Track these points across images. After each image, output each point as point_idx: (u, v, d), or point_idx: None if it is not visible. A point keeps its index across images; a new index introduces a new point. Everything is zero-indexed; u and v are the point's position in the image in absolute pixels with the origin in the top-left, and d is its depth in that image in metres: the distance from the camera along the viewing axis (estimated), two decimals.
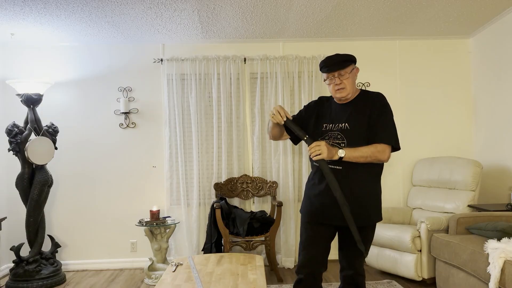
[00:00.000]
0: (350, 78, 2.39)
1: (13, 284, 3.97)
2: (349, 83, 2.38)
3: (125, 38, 4.50)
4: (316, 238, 2.44)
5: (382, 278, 3.99)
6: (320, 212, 2.41)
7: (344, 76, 2.36)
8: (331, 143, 2.36)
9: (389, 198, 4.71)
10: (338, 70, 2.36)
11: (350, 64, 2.40)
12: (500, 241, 2.81)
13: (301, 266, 2.46)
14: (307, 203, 2.49)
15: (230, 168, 4.61)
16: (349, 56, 2.42)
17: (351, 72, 2.39)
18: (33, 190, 4.07)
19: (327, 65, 2.39)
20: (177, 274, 2.71)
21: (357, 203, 2.32)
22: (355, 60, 2.45)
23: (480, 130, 4.66)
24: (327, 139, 2.38)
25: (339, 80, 2.37)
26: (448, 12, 4.03)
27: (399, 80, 4.80)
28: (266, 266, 4.17)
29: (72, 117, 4.64)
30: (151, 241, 4.24)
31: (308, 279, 2.44)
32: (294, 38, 4.66)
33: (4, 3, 3.46)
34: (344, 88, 2.37)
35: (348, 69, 2.38)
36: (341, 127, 2.38)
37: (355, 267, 2.50)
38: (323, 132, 2.43)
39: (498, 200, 4.22)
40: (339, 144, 2.34)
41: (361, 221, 2.35)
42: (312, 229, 2.45)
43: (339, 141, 2.35)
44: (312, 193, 2.46)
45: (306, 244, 2.46)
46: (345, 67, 2.37)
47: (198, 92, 4.58)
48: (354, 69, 2.43)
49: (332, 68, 2.37)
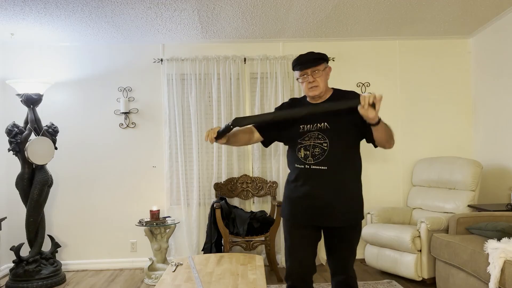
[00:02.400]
0: (323, 76, 2.36)
1: (13, 284, 3.97)
2: (322, 81, 2.35)
3: (125, 38, 4.49)
4: (302, 242, 2.40)
5: (382, 278, 3.99)
6: (305, 214, 2.36)
7: (317, 74, 2.34)
8: (312, 143, 2.32)
9: (389, 198, 4.72)
10: (311, 67, 2.33)
11: (323, 62, 2.37)
12: (500, 241, 2.81)
13: (290, 272, 2.43)
14: (291, 206, 2.43)
15: (230, 168, 4.61)
16: (322, 54, 2.39)
17: (323, 70, 2.36)
18: (33, 190, 4.07)
19: (299, 63, 2.36)
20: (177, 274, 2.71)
21: (343, 203, 2.31)
22: (328, 59, 2.43)
23: (480, 130, 4.66)
24: (307, 140, 2.34)
25: (312, 78, 2.33)
26: (448, 12, 4.03)
27: (399, 80, 4.80)
28: (266, 266, 4.16)
29: (72, 117, 4.64)
30: (151, 241, 4.24)
31: (299, 284, 2.41)
32: (294, 38, 4.66)
33: (4, 3, 3.46)
34: (317, 86, 2.34)
35: (321, 67, 2.35)
36: (320, 127, 2.33)
37: (346, 271, 2.45)
38: (302, 133, 2.36)
39: (498, 200, 4.22)
40: (321, 144, 2.30)
41: (349, 220, 2.34)
42: (298, 232, 2.40)
43: (320, 140, 2.31)
44: (295, 195, 2.40)
45: (293, 249, 2.41)
46: (318, 65, 2.34)
47: (198, 92, 4.58)
48: (327, 67, 2.40)
49: (305, 65, 2.34)
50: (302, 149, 2.35)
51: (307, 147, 2.33)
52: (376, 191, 4.71)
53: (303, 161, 2.33)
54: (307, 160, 2.32)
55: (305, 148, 2.34)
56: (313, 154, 2.31)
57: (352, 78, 4.69)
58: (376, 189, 4.71)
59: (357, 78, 4.74)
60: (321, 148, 2.30)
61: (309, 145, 2.33)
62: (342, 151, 2.31)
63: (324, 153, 2.29)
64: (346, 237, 2.39)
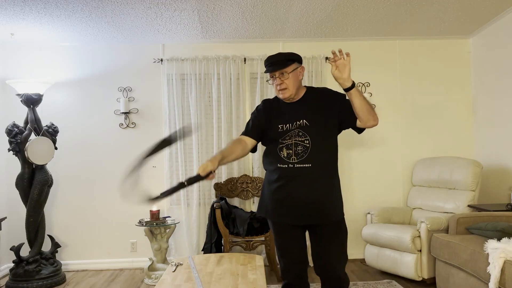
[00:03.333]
0: (292, 78, 2.31)
1: (13, 284, 3.97)
2: (291, 83, 2.31)
3: (125, 38, 4.49)
4: (291, 239, 2.41)
5: (382, 278, 3.99)
6: (291, 214, 2.34)
7: (285, 76, 2.30)
8: (294, 142, 2.30)
9: (389, 198, 4.72)
10: (279, 70, 2.31)
11: (292, 64, 2.33)
12: (500, 241, 2.81)
13: (285, 270, 2.46)
14: (275, 207, 2.38)
15: (230, 168, 4.61)
16: (291, 55, 2.35)
17: (293, 72, 2.32)
18: (33, 190, 4.07)
19: (267, 64, 2.34)
20: (177, 274, 2.71)
21: (330, 199, 2.32)
22: (299, 59, 2.38)
23: (480, 130, 4.66)
24: (288, 139, 2.32)
25: (279, 80, 2.31)
26: (448, 12, 4.03)
27: (399, 80, 4.80)
28: (266, 266, 4.16)
29: (72, 117, 4.64)
30: (151, 241, 4.24)
31: (295, 281, 2.45)
32: (294, 38, 4.66)
33: (4, 3, 3.46)
34: (286, 88, 2.31)
35: (289, 69, 2.30)
36: (299, 124, 2.32)
37: (336, 274, 2.38)
38: (282, 133, 2.34)
39: (498, 200, 4.22)
40: (303, 142, 2.29)
41: (335, 215, 2.35)
42: (285, 232, 2.41)
43: (301, 138, 2.30)
44: (278, 196, 2.35)
45: (283, 248, 2.44)
46: (285, 67, 2.30)
47: (198, 92, 4.58)
48: (298, 68, 2.35)
49: (272, 67, 2.32)
50: (284, 148, 2.32)
51: (289, 145, 2.31)
52: (376, 191, 4.71)
53: (287, 160, 2.30)
54: (291, 159, 2.30)
55: (287, 147, 2.31)
56: (296, 153, 2.29)
57: (352, 78, 4.64)
58: (376, 189, 4.71)
59: (357, 78, 4.72)
60: (303, 146, 2.29)
61: (291, 143, 2.31)
62: (324, 147, 2.31)
63: (307, 151, 2.28)
64: (333, 235, 2.37)
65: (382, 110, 4.49)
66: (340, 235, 2.40)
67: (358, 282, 3.88)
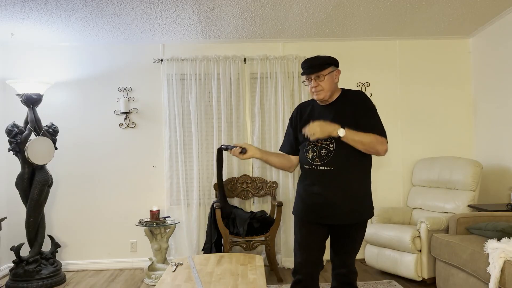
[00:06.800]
0: (327, 81, 2.37)
1: (13, 284, 3.97)
2: (327, 85, 2.37)
3: (125, 38, 4.50)
4: (311, 237, 2.46)
5: (382, 278, 3.99)
6: (313, 212, 2.42)
7: (320, 79, 2.36)
8: (320, 144, 2.38)
9: (389, 198, 4.72)
10: (314, 73, 2.36)
11: (329, 67, 2.39)
12: (500, 241, 2.81)
13: (298, 266, 2.48)
14: (300, 204, 2.51)
15: (230, 168, 4.61)
16: (329, 59, 2.41)
17: (328, 75, 2.38)
18: (33, 190, 4.07)
19: (304, 67, 2.41)
20: (177, 274, 2.71)
21: (347, 203, 2.36)
22: (336, 62, 2.44)
23: (480, 130, 4.66)
24: (315, 142, 2.38)
25: (315, 82, 2.37)
26: (448, 12, 4.03)
27: (399, 80, 4.80)
28: (266, 266, 4.16)
29: (72, 117, 4.64)
30: (151, 241, 4.24)
31: (307, 279, 2.46)
32: (294, 38, 4.66)
33: (4, 3, 3.46)
34: (322, 90, 2.38)
35: (325, 72, 2.37)
36: None
37: (347, 265, 2.51)
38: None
39: (498, 200, 4.22)
40: (328, 145, 2.36)
41: (354, 218, 2.39)
42: (306, 228, 2.47)
43: (327, 141, 2.36)
44: (305, 194, 2.47)
45: (302, 244, 2.48)
46: (321, 70, 2.36)
47: (198, 92, 4.58)
48: (334, 71, 2.41)
49: (308, 70, 2.38)
50: (310, 150, 2.42)
51: (315, 148, 2.40)
52: (376, 191, 4.65)
53: (311, 162, 2.40)
54: (314, 161, 2.39)
55: (313, 149, 2.40)
56: (320, 155, 2.37)
57: (352, 78, 4.68)
58: (376, 189, 4.66)
59: (357, 78, 4.74)
60: (327, 149, 2.36)
61: (317, 146, 2.39)
62: (348, 152, 2.34)
63: (330, 154, 2.35)
64: (350, 234, 2.44)
65: (382, 110, 4.45)
66: (355, 236, 2.45)
67: (358, 282, 3.88)
